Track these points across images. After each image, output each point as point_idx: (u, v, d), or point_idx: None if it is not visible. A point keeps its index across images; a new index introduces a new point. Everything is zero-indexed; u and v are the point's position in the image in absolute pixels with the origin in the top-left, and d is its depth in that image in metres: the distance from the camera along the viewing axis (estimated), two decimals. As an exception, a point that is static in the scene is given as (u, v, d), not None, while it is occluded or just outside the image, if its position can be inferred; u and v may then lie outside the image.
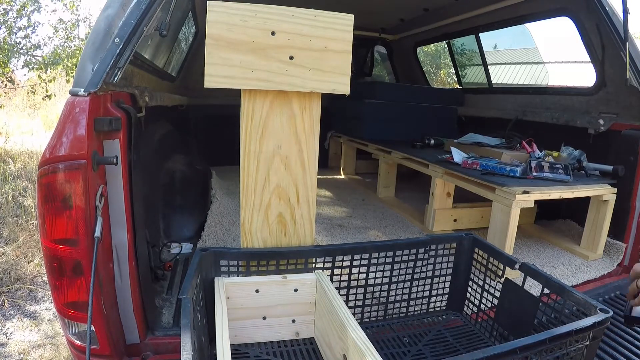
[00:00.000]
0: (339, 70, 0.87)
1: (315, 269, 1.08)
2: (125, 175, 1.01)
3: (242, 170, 1.01)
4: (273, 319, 1.03)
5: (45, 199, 0.92)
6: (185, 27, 2.27)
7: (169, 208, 1.90)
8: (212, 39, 0.80)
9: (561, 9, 2.15)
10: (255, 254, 1.05)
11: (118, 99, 1.04)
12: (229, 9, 0.79)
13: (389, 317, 1.23)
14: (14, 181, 3.86)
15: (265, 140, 0.99)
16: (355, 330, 0.80)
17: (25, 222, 3.22)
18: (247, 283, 1.00)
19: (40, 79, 5.65)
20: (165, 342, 1.10)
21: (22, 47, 5.52)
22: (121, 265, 1.04)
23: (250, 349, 1.01)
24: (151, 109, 1.37)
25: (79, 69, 0.98)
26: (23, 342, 2.09)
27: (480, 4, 2.52)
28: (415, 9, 2.87)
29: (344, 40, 0.86)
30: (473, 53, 3.30)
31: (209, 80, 0.82)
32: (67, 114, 0.93)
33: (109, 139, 1.00)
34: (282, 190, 1.04)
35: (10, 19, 5.27)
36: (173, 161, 2.03)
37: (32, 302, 2.46)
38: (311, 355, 1.01)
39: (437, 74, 8.72)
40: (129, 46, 0.94)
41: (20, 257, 2.82)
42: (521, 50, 5.32)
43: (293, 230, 1.08)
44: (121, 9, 1.01)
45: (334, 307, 0.90)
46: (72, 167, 0.90)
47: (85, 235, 0.92)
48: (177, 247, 1.76)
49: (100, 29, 0.99)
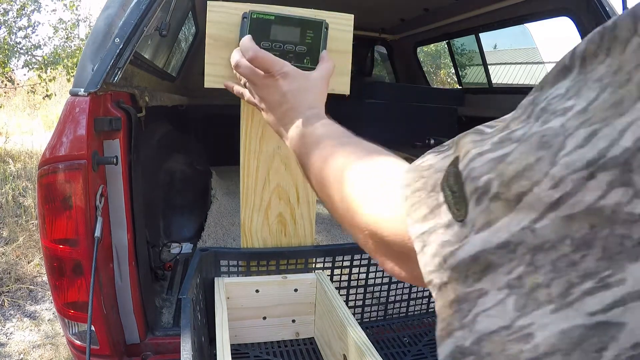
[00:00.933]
0: (339, 70, 0.87)
1: (315, 269, 1.08)
2: (125, 175, 1.01)
3: (242, 170, 1.01)
4: (273, 319, 1.03)
5: (45, 199, 0.92)
6: (185, 27, 2.27)
7: (169, 208, 1.90)
8: (211, 39, 0.80)
9: (561, 9, 2.15)
10: (255, 254, 1.05)
11: (118, 99, 1.04)
12: (228, 8, 0.79)
13: (389, 317, 1.23)
14: (14, 181, 3.86)
15: (265, 140, 0.99)
16: (355, 330, 0.80)
17: (25, 222, 3.22)
18: (247, 283, 1.00)
19: (40, 79, 5.65)
20: (165, 342, 1.10)
21: (22, 47, 5.52)
22: (121, 266, 1.04)
23: (250, 349, 1.01)
24: (151, 109, 1.37)
25: (79, 68, 0.98)
26: (23, 342, 2.09)
27: (480, 4, 2.52)
28: (415, 9, 2.87)
29: (344, 40, 0.86)
30: (473, 53, 3.30)
31: (208, 81, 0.82)
32: (67, 114, 0.93)
33: (109, 139, 1.00)
34: (282, 190, 1.04)
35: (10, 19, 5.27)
36: (173, 161, 2.03)
37: (32, 302, 2.46)
38: (311, 355, 1.01)
39: (437, 74, 8.72)
40: (129, 46, 0.94)
41: (20, 257, 2.82)
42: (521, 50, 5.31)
43: (293, 230, 1.08)
44: (121, 9, 1.01)
45: (334, 307, 0.90)
46: (72, 167, 0.90)
47: (85, 236, 0.92)
48: (177, 247, 1.76)
49: (100, 29, 0.99)
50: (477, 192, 0.22)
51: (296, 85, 0.65)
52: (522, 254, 0.19)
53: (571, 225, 0.18)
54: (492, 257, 0.20)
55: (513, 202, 0.20)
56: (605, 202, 0.18)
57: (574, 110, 0.20)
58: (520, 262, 0.20)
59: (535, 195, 0.19)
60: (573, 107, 0.20)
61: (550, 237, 0.19)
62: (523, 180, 0.20)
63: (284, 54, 0.76)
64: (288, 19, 0.77)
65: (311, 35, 0.78)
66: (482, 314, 0.20)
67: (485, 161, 0.23)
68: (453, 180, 0.24)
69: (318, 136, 0.53)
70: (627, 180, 0.17)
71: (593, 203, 0.18)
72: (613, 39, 0.20)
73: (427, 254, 0.25)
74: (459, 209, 0.23)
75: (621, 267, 0.17)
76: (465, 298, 0.21)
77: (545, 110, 0.21)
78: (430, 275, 0.24)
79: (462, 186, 0.24)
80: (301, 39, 0.77)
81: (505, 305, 0.20)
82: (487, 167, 0.22)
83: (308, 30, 0.77)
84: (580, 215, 0.18)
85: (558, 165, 0.19)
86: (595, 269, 0.17)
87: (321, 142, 0.51)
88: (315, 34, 0.78)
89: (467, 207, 0.23)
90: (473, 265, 0.21)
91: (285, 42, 0.77)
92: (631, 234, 0.17)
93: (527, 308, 0.19)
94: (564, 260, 0.18)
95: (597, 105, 0.19)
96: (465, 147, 0.25)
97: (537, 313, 0.19)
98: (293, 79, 0.65)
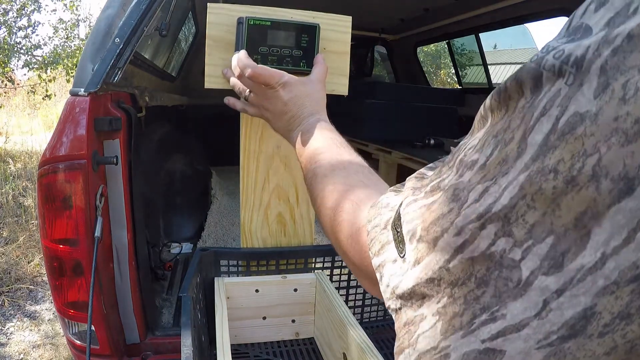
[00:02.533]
0: (338, 71, 0.87)
1: (315, 269, 1.09)
2: (125, 175, 1.01)
3: (242, 170, 1.01)
4: (273, 319, 1.03)
5: (45, 199, 0.92)
6: (185, 27, 2.27)
7: (169, 208, 1.90)
8: (211, 40, 0.80)
9: (561, 9, 2.15)
10: (255, 254, 1.05)
11: (118, 99, 1.04)
12: (228, 10, 0.80)
13: (389, 317, 1.24)
14: (14, 181, 3.87)
15: (265, 140, 1.00)
16: (355, 329, 0.80)
17: (25, 222, 3.22)
18: (247, 283, 1.00)
19: (40, 79, 5.65)
20: (165, 342, 1.11)
21: (22, 47, 5.52)
22: (121, 265, 1.04)
23: (250, 349, 1.01)
24: (151, 108, 1.37)
25: (79, 69, 0.98)
26: (23, 342, 2.09)
27: (480, 4, 2.52)
28: (415, 9, 2.87)
29: (343, 42, 0.86)
30: (473, 53, 3.30)
31: (208, 81, 0.82)
32: (67, 114, 0.93)
33: (109, 139, 1.00)
34: (282, 190, 1.04)
35: (10, 19, 5.27)
36: (173, 161, 2.03)
37: (32, 302, 2.46)
38: (311, 355, 1.01)
39: (437, 74, 8.72)
40: (129, 46, 0.94)
41: (20, 257, 2.82)
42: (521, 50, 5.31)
43: (293, 230, 1.09)
44: (121, 9, 1.01)
45: (334, 307, 0.90)
46: (72, 167, 0.90)
47: (86, 235, 0.92)
48: (177, 247, 1.77)
49: (100, 29, 0.99)
50: (409, 233, 0.27)
51: (296, 92, 0.68)
52: (444, 287, 0.23)
53: (474, 266, 0.22)
54: (425, 290, 0.25)
55: (432, 245, 0.24)
56: (495, 248, 0.21)
57: (477, 165, 0.23)
58: (444, 294, 0.23)
59: (445, 240, 0.23)
60: (477, 161, 0.23)
61: (460, 275, 0.22)
62: (437, 227, 0.24)
63: (281, 58, 0.77)
64: (284, 24, 0.78)
65: (306, 39, 0.79)
66: (421, 335, 0.24)
67: (417, 207, 0.27)
68: (398, 222, 0.29)
69: (316, 153, 0.58)
70: (509, 231, 0.20)
71: (486, 249, 0.21)
72: (507, 97, 0.23)
73: (383, 284, 0.29)
74: (401, 247, 0.28)
75: (504, 304, 0.20)
76: (412, 321, 0.25)
77: (462, 162, 0.25)
78: (388, 302, 0.29)
79: (401, 227, 0.28)
80: (297, 43, 0.79)
81: (435, 329, 0.23)
82: (416, 214, 0.27)
83: (303, 34, 0.79)
84: (479, 258, 0.22)
85: (461, 215, 0.22)
86: (489, 303, 0.21)
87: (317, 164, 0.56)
88: (310, 37, 0.79)
89: (405, 246, 0.27)
90: (414, 295, 0.25)
91: (282, 47, 0.78)
92: (512, 277, 0.20)
93: (447, 332, 0.23)
94: (472, 294, 0.22)
95: (491, 162, 0.22)
96: (405, 193, 0.31)
97: (453, 337, 0.22)
98: (292, 87, 0.68)
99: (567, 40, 0.20)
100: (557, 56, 0.20)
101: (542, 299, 0.19)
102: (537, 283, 0.19)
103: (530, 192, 0.20)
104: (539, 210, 0.19)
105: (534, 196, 0.19)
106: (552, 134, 0.19)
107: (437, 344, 0.23)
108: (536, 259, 0.19)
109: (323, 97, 0.71)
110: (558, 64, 0.20)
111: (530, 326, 0.19)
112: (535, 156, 0.20)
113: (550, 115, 0.19)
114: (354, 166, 0.52)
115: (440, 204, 0.24)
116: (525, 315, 0.19)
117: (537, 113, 0.20)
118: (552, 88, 0.20)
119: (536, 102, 0.20)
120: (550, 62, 0.20)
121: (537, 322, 0.19)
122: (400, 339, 0.26)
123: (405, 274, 0.26)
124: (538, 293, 0.19)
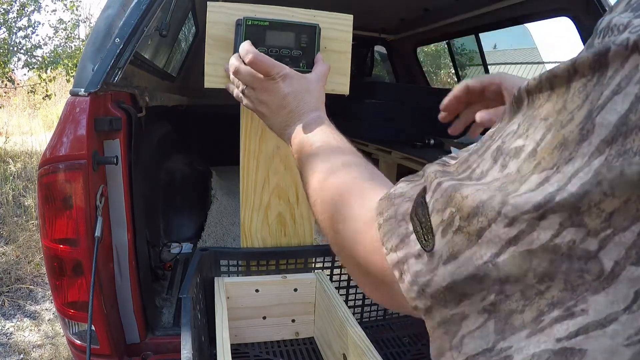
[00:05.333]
0: (338, 71, 0.87)
1: (315, 269, 1.09)
2: (125, 175, 1.01)
3: (242, 170, 1.01)
4: (273, 319, 1.03)
5: (45, 199, 0.92)
6: (185, 27, 2.27)
7: (169, 208, 1.90)
8: (211, 39, 0.80)
9: (561, 9, 2.15)
10: (255, 254, 1.05)
11: (118, 99, 1.04)
12: (228, 9, 0.80)
13: (389, 317, 1.24)
14: (14, 181, 3.87)
15: (265, 140, 1.00)
16: (355, 329, 0.80)
17: (25, 222, 3.22)
18: (247, 283, 1.00)
19: (40, 79, 5.65)
20: (165, 342, 1.11)
21: (22, 47, 5.52)
22: (121, 265, 1.04)
23: (250, 348, 1.01)
24: (151, 108, 1.37)
25: (79, 69, 0.98)
26: (23, 342, 2.09)
27: (480, 4, 2.52)
28: (415, 9, 2.87)
29: (344, 41, 0.86)
30: (473, 53, 3.30)
31: (208, 81, 0.82)
32: (68, 114, 0.93)
33: (109, 139, 1.00)
34: (282, 190, 1.04)
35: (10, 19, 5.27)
36: (173, 161, 2.03)
37: (32, 302, 2.46)
38: (311, 354, 1.01)
39: (437, 74, 8.72)
40: (129, 46, 0.94)
41: (20, 257, 2.82)
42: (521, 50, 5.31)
43: (293, 230, 1.09)
44: (121, 9, 1.01)
45: (334, 306, 0.90)
46: (73, 167, 0.90)
47: (86, 235, 0.92)
48: (177, 247, 1.77)
49: (100, 29, 0.99)
50: (442, 224, 0.24)
51: (296, 86, 0.66)
52: (490, 284, 0.21)
53: (532, 260, 0.20)
54: (464, 287, 0.22)
55: (474, 237, 0.22)
56: (560, 240, 0.19)
57: (525, 152, 0.21)
58: (491, 291, 0.21)
59: (493, 232, 0.21)
60: (523, 148, 0.21)
61: (512, 270, 0.20)
62: (481, 217, 0.22)
63: (280, 59, 0.77)
64: (282, 24, 0.78)
65: (305, 39, 0.79)
66: (467, 336, 0.22)
67: (448, 196, 0.24)
68: (421, 211, 0.26)
69: (316, 149, 0.55)
70: (579, 221, 0.19)
71: (548, 240, 0.19)
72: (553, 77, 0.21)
73: (406, 282, 0.27)
74: (427, 239, 0.25)
75: (584, 299, 0.18)
76: (450, 320, 0.23)
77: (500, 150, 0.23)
78: (414, 302, 0.26)
79: (429, 218, 0.25)
80: (296, 43, 0.78)
81: (487, 329, 0.21)
82: (450, 203, 0.24)
83: (302, 34, 0.78)
84: (538, 251, 0.20)
85: (510, 205, 0.21)
86: (559, 299, 0.19)
87: (316, 159, 0.52)
88: (310, 37, 0.79)
89: (434, 238, 0.25)
90: (449, 294, 0.23)
91: (280, 47, 0.77)
92: (589, 269, 0.18)
93: (506, 332, 0.21)
94: (532, 290, 0.20)
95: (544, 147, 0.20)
96: (430, 179, 0.27)
97: (514, 337, 0.20)
98: (293, 80, 0.66)
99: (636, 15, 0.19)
100: (633, 31, 0.18)
101: (632, 290, 0.18)
102: (625, 274, 0.18)
103: (609, 178, 0.18)
104: (620, 197, 0.18)
105: (613, 182, 0.18)
106: (633, 113, 0.17)
107: (492, 345, 0.21)
108: (620, 249, 0.18)
109: (322, 96, 0.69)
110: (634, 39, 0.18)
111: (619, 321, 0.18)
112: (610, 138, 0.18)
113: (627, 93, 0.18)
114: (356, 162, 0.48)
115: (481, 193, 0.22)
116: (613, 309, 0.18)
117: (608, 92, 0.18)
118: (625, 65, 0.18)
119: (605, 80, 0.19)
120: (623, 37, 0.18)
121: (627, 317, 0.18)
122: (437, 341, 0.24)
123: (436, 270, 0.24)
124: (627, 285, 0.18)
